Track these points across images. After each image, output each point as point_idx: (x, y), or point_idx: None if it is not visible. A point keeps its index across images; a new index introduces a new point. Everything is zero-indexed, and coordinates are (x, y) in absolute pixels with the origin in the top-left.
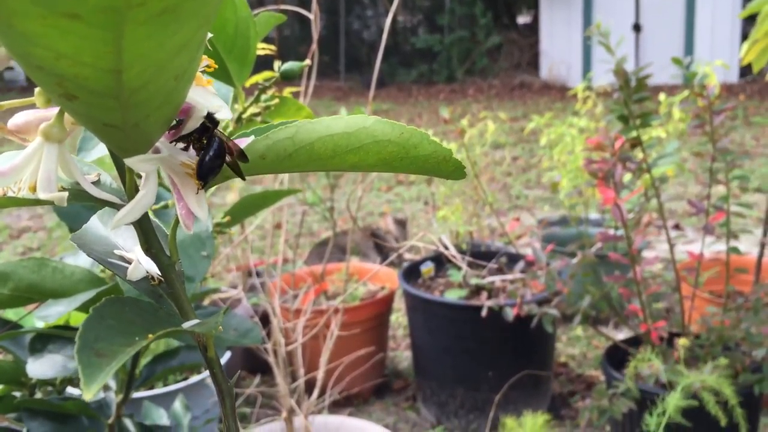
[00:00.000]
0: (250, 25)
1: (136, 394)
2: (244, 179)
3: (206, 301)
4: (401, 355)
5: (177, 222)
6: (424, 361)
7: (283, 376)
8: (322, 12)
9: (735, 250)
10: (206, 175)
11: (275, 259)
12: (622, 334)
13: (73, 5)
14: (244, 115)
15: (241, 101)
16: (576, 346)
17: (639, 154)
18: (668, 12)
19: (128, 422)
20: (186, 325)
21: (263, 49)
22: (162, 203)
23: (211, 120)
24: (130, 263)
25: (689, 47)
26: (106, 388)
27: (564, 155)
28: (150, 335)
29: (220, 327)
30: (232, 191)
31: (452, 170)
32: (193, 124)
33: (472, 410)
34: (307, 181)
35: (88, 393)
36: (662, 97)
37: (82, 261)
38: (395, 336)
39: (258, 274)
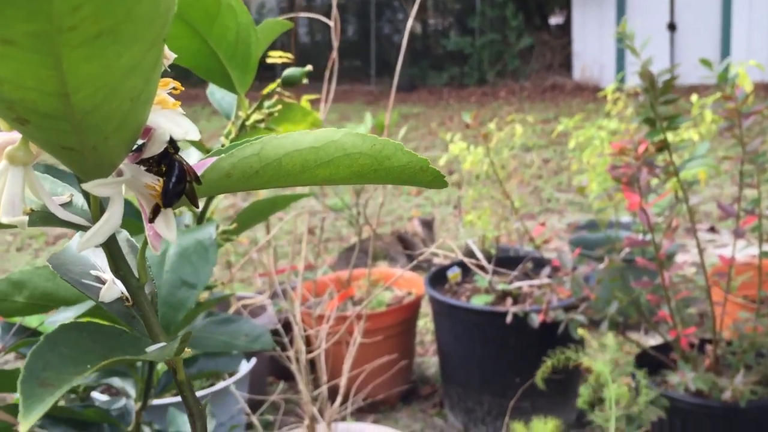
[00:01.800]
0: (251, 32)
1: (161, 401)
2: (197, 206)
3: (232, 309)
4: (429, 360)
5: (145, 244)
6: (451, 367)
7: (305, 383)
8: (353, 16)
9: (766, 254)
10: (171, 201)
11: (293, 266)
12: (653, 340)
13: (5, 31)
14: (248, 122)
15: (244, 108)
16: (606, 353)
17: (665, 157)
18: (704, 11)
19: (147, 430)
20: (149, 349)
21: (280, 57)
22: None
23: (173, 144)
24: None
25: (726, 47)
26: (126, 395)
27: (593, 158)
28: (104, 361)
29: (189, 350)
30: (257, 194)
31: (431, 180)
32: (155, 149)
33: (500, 417)
34: (334, 188)
35: (25, 424)
36: (694, 98)
37: None
38: (423, 341)
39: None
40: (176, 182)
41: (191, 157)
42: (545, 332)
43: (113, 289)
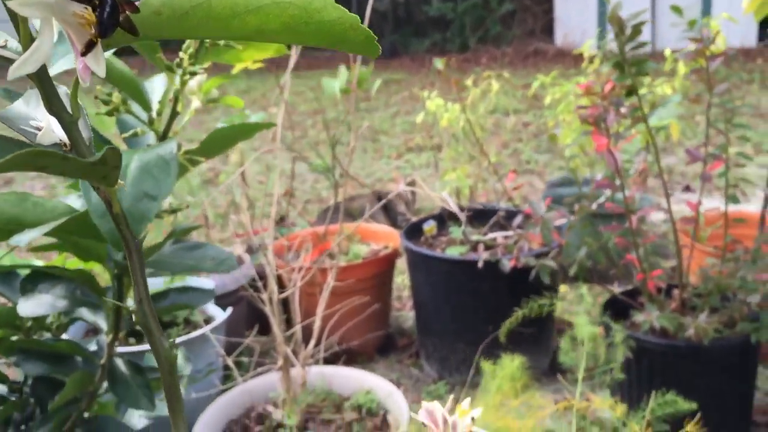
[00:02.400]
0: None
1: (138, 347)
2: (137, 35)
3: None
4: (406, 315)
5: (77, 80)
6: (426, 318)
7: (278, 324)
8: None
9: (734, 198)
10: (107, 32)
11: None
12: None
13: None
14: None
15: None
16: (581, 304)
17: (634, 100)
18: None
19: (120, 362)
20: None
21: None
22: (131, 131)
23: None
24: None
25: (707, 7)
26: (97, 331)
27: (569, 114)
28: None
29: (122, 182)
30: (234, 153)
31: (363, 41)
32: None
33: (473, 365)
34: (316, 149)
35: None
36: (667, 51)
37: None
38: (401, 297)
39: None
40: (110, 12)
41: None
42: (518, 282)
43: (50, 134)
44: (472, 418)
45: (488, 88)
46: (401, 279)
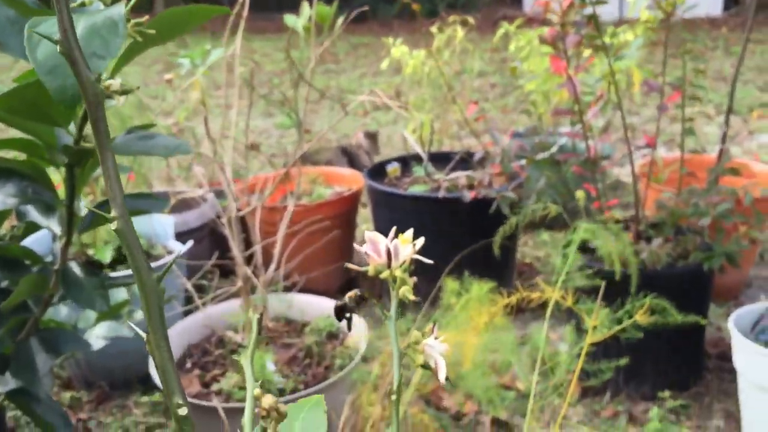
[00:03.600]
0: None
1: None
2: None
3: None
4: None
5: None
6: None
7: (236, 245)
8: None
9: (691, 131)
10: None
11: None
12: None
13: None
14: None
15: None
16: (542, 249)
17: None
18: None
19: (74, 265)
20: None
21: None
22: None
23: None
24: None
25: None
26: (51, 233)
27: (532, 63)
28: None
29: None
30: (194, 88)
31: None
32: None
33: (434, 301)
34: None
35: None
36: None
37: None
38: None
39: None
40: None
41: None
42: (480, 220)
43: None
44: (414, 246)
45: (453, 34)
46: (366, 226)
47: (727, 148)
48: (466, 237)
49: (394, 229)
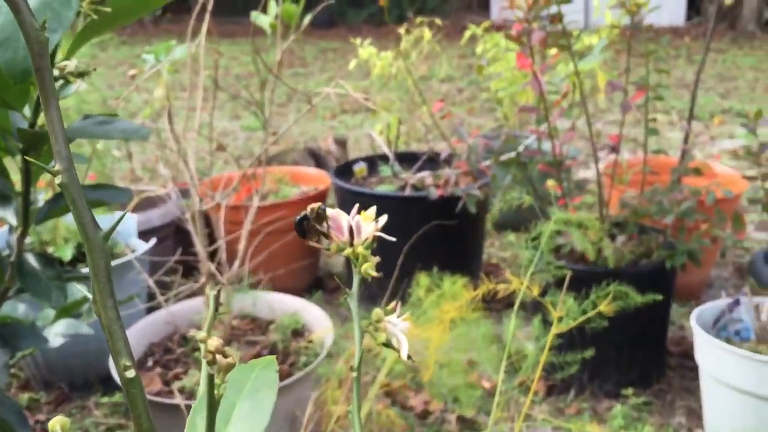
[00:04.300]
0: None
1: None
2: None
3: (134, 201)
4: (336, 261)
5: None
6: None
7: (200, 241)
8: None
9: (654, 131)
10: None
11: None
12: None
13: None
14: None
15: None
16: (508, 250)
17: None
18: None
19: (30, 256)
20: None
21: None
22: None
23: None
24: None
25: None
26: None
27: (502, 67)
28: None
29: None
30: (160, 86)
31: None
32: None
33: (402, 299)
34: (251, 109)
35: None
36: (596, 1)
37: None
38: None
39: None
40: None
41: None
42: (448, 218)
43: None
44: (376, 223)
45: (421, 36)
46: None
47: (690, 147)
48: (434, 236)
49: (356, 205)
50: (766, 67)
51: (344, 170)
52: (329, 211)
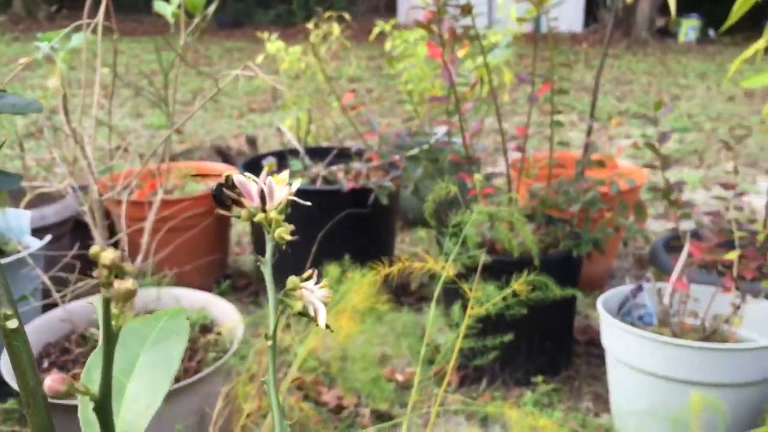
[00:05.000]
0: None
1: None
2: None
3: (27, 198)
4: (245, 259)
5: None
6: (265, 252)
7: (99, 232)
8: None
9: (559, 123)
10: None
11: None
12: None
13: None
14: None
15: None
16: (418, 245)
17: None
18: None
19: None
20: None
21: None
22: None
23: None
24: None
25: None
26: None
27: (413, 63)
28: None
29: None
30: (54, 75)
31: None
32: None
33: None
34: (154, 107)
35: None
36: (500, 1)
37: None
38: (241, 242)
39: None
40: None
41: None
42: (358, 214)
43: None
44: (290, 185)
45: (330, 30)
46: (242, 226)
47: (593, 140)
48: (347, 228)
49: (266, 168)
50: (658, 72)
51: (253, 165)
52: (236, 177)
